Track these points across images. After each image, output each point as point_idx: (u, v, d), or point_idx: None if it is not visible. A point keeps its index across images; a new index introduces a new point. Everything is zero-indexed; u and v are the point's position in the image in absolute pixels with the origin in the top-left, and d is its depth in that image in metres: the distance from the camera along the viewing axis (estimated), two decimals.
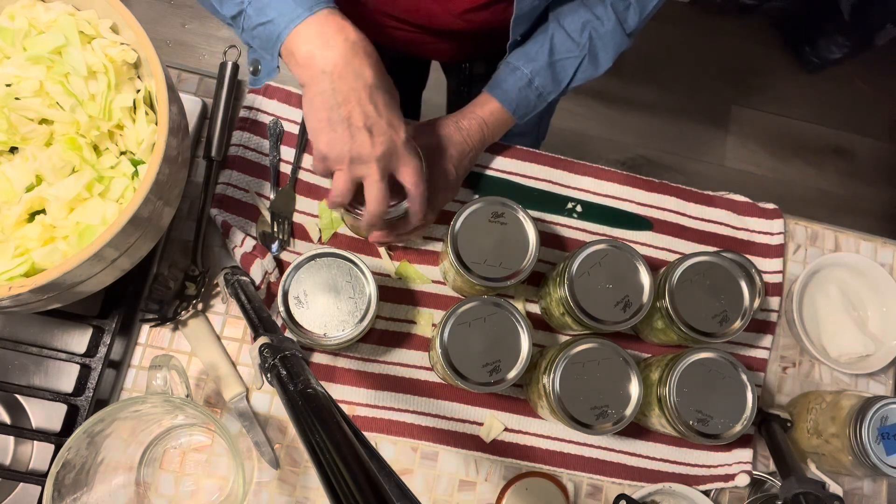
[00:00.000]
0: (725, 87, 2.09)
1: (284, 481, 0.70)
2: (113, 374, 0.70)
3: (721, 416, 0.66)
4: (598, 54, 0.75)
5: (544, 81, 0.74)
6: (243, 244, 0.71)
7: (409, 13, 0.77)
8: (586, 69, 0.75)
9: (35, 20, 0.60)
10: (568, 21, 0.73)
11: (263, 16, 0.55)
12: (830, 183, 2.06)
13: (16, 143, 0.60)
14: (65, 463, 0.55)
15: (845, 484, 0.78)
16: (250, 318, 0.57)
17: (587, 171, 0.83)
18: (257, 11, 0.56)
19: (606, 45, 0.75)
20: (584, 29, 0.73)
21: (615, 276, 0.67)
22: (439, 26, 0.78)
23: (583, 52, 0.74)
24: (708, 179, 1.97)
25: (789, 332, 0.82)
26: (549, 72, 0.74)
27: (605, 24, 0.73)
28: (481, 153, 0.78)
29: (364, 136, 0.55)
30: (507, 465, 0.74)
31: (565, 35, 0.73)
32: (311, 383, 0.45)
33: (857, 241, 0.87)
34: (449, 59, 0.99)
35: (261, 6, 0.56)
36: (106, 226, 0.56)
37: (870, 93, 2.16)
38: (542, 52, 0.73)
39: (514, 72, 0.74)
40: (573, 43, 0.73)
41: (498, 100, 0.74)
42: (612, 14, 0.73)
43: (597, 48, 0.74)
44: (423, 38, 0.82)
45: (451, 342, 0.64)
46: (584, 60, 0.74)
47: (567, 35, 0.73)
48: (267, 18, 0.55)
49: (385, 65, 0.57)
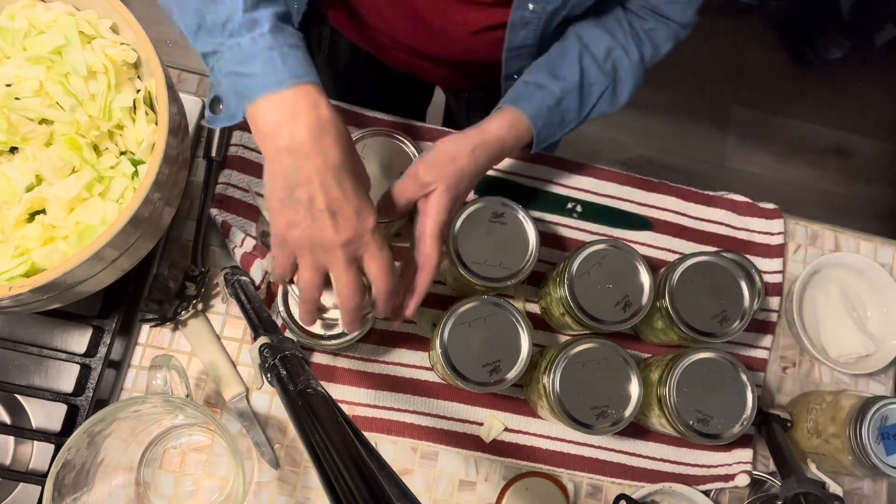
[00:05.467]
0: (725, 87, 2.09)
1: (284, 481, 0.70)
2: (113, 374, 0.70)
3: (721, 416, 0.66)
4: (619, 88, 0.70)
5: (571, 105, 0.68)
6: (243, 244, 0.71)
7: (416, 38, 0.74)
8: (606, 101, 0.70)
9: (35, 20, 0.60)
10: (594, 45, 0.68)
11: (243, 66, 0.49)
12: (830, 183, 2.06)
13: (16, 143, 0.60)
14: (65, 463, 0.55)
15: (845, 484, 0.78)
16: (250, 318, 0.57)
17: (587, 171, 0.83)
18: (237, 60, 0.49)
19: (628, 80, 0.70)
20: (608, 56, 0.68)
21: (615, 276, 0.67)
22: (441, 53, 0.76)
23: (608, 80, 0.69)
24: (708, 179, 1.97)
25: (789, 332, 0.82)
26: (578, 95, 0.68)
27: (630, 56, 0.69)
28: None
29: (327, 220, 0.50)
30: (507, 465, 0.74)
31: (592, 59, 0.68)
32: (311, 383, 0.45)
33: (857, 241, 0.87)
34: (447, 85, 0.97)
35: (243, 55, 0.49)
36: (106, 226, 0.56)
37: (870, 93, 2.16)
38: (573, 72, 0.67)
39: (540, 88, 0.67)
40: (599, 69, 0.68)
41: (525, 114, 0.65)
42: (634, 48, 0.69)
43: (620, 81, 0.69)
44: (421, 62, 0.81)
45: (451, 342, 0.64)
46: (608, 90, 0.69)
47: (593, 59, 0.68)
48: (246, 71, 0.49)
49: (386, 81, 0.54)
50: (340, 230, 0.51)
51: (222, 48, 0.49)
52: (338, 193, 0.50)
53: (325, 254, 0.52)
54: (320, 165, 0.49)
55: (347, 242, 0.51)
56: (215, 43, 0.49)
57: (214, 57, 0.50)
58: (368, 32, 0.80)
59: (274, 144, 0.49)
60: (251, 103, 0.49)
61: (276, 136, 0.48)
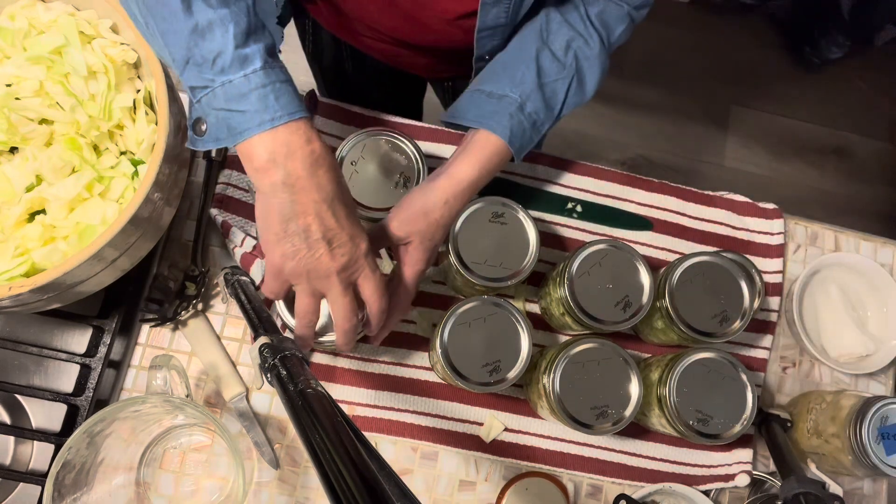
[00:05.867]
0: (725, 87, 2.09)
1: (284, 481, 0.70)
2: (113, 374, 0.70)
3: (721, 416, 0.66)
4: (585, 77, 0.69)
5: (537, 107, 0.67)
6: (243, 244, 0.71)
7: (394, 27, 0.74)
8: (574, 93, 0.69)
9: (35, 20, 0.60)
10: (553, 40, 0.67)
11: (235, 104, 0.48)
12: (830, 183, 2.06)
13: (16, 143, 0.60)
14: (65, 463, 0.55)
15: (845, 484, 0.78)
16: (250, 318, 0.57)
17: (587, 171, 0.83)
18: (229, 97, 0.48)
19: (593, 68, 0.69)
20: (568, 48, 0.67)
21: (615, 276, 0.67)
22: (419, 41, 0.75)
23: (571, 72, 0.68)
24: (708, 179, 1.98)
25: (789, 332, 0.82)
26: (540, 95, 0.67)
27: (591, 45, 0.68)
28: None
29: (323, 248, 0.51)
30: (507, 465, 0.74)
31: (551, 56, 0.67)
32: (311, 383, 0.45)
33: (857, 241, 0.87)
34: (429, 74, 0.96)
35: (235, 93, 0.48)
36: (106, 226, 0.56)
37: (870, 93, 2.16)
38: (528, 75, 0.66)
39: (501, 99, 0.66)
40: (559, 64, 0.67)
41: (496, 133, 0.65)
42: (594, 33, 0.67)
43: (584, 70, 0.68)
44: (399, 51, 0.80)
45: (451, 342, 0.64)
46: (573, 83, 0.68)
47: (552, 56, 0.67)
48: (239, 108, 0.48)
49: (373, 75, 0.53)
50: (336, 257, 0.52)
51: (213, 84, 0.48)
52: (332, 222, 0.51)
53: (322, 281, 0.53)
54: (315, 197, 0.50)
55: (343, 268, 0.53)
56: (205, 79, 0.48)
57: (203, 92, 0.49)
58: (347, 23, 0.80)
59: (269, 179, 0.49)
60: (244, 139, 0.49)
61: (271, 172, 0.49)
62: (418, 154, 0.71)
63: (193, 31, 0.47)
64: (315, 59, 0.98)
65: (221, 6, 0.48)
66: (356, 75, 0.96)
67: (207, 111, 0.50)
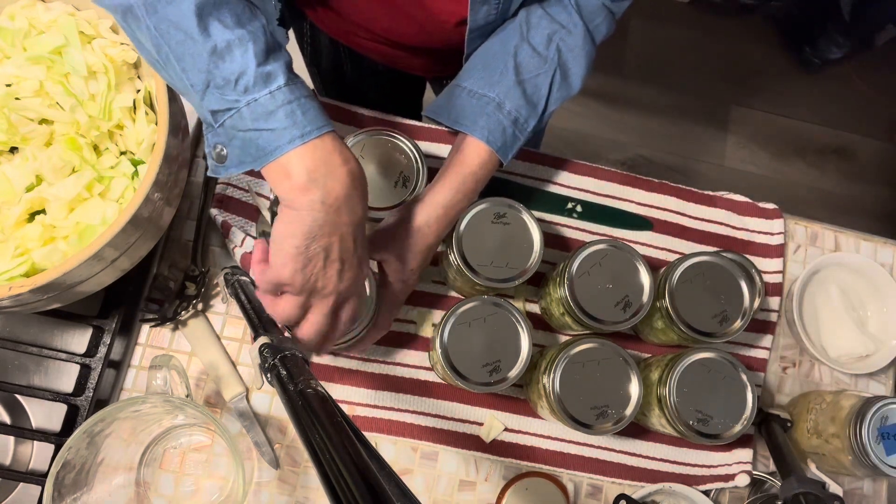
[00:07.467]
0: (725, 87, 2.09)
1: (284, 481, 0.70)
2: (113, 374, 0.70)
3: (721, 416, 0.66)
4: (570, 70, 0.68)
5: (517, 104, 0.66)
6: (243, 244, 0.71)
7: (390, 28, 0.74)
8: (559, 87, 0.68)
9: (35, 20, 0.60)
10: (532, 34, 0.66)
11: (263, 122, 0.47)
12: (830, 183, 2.06)
13: (16, 143, 0.60)
14: (65, 463, 0.55)
15: (845, 484, 0.78)
16: (250, 318, 0.57)
17: (587, 171, 0.83)
18: (255, 116, 0.47)
19: (578, 59, 0.67)
20: (550, 41, 0.66)
21: (615, 276, 0.67)
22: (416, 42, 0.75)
23: (552, 66, 0.66)
24: (708, 179, 1.98)
25: (789, 332, 0.82)
26: (520, 92, 0.66)
27: (573, 35, 0.66)
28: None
29: (334, 270, 0.51)
30: (507, 465, 0.74)
31: (530, 51, 0.66)
32: (311, 383, 0.45)
33: (857, 241, 0.87)
34: (426, 73, 0.96)
35: (262, 111, 0.47)
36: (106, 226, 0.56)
37: (870, 93, 2.16)
38: (506, 73, 0.66)
39: (479, 98, 0.66)
40: (540, 58, 0.66)
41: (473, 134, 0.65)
42: (579, 21, 0.66)
43: (567, 63, 0.67)
44: (395, 52, 0.80)
45: (451, 342, 0.64)
46: (556, 77, 0.67)
47: (533, 50, 0.66)
48: (267, 126, 0.47)
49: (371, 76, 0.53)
50: (344, 280, 0.52)
51: (238, 105, 0.47)
52: (351, 245, 0.51)
53: (318, 299, 0.53)
54: (346, 220, 0.50)
55: (345, 291, 0.53)
56: (229, 101, 0.47)
57: (228, 114, 0.48)
58: (344, 25, 0.80)
59: (308, 197, 0.48)
60: (275, 158, 0.48)
61: (311, 189, 0.48)
62: (418, 154, 0.71)
63: (212, 52, 0.46)
64: (313, 61, 0.98)
65: (237, 27, 0.47)
66: (354, 77, 0.96)
67: (232, 134, 0.49)
